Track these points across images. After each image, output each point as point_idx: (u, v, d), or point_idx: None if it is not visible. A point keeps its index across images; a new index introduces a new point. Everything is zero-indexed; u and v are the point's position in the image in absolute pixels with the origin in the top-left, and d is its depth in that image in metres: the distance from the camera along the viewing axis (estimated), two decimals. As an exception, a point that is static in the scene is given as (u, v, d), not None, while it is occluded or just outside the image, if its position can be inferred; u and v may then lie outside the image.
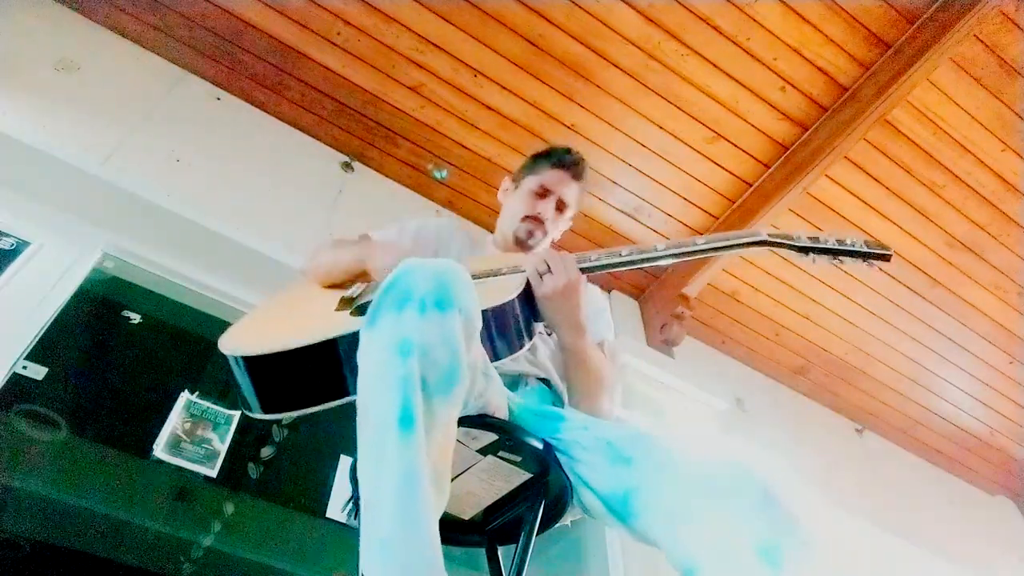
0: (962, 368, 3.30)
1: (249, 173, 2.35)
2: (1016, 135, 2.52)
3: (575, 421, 1.03)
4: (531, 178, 1.49)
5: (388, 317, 0.76)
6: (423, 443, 0.70)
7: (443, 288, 0.78)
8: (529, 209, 1.45)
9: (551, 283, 1.09)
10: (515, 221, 1.46)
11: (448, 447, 0.77)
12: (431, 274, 0.79)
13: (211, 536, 1.68)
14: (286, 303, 1.25)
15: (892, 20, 2.29)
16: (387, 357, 0.74)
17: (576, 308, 1.12)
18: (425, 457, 0.70)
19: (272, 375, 0.97)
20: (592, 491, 0.94)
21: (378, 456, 0.70)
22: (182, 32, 2.39)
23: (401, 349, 0.73)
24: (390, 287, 0.79)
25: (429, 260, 0.82)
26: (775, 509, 0.74)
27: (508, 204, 1.53)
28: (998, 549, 3.50)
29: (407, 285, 0.78)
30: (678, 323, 2.89)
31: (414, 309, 0.75)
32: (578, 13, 2.30)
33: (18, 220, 1.83)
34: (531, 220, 1.44)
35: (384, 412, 0.71)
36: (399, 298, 0.77)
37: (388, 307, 0.77)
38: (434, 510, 0.69)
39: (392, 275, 0.80)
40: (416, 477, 0.68)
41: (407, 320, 0.75)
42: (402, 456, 0.69)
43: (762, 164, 2.69)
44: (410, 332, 0.74)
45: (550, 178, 1.47)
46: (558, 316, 1.12)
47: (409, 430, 0.70)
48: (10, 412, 1.58)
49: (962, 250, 2.85)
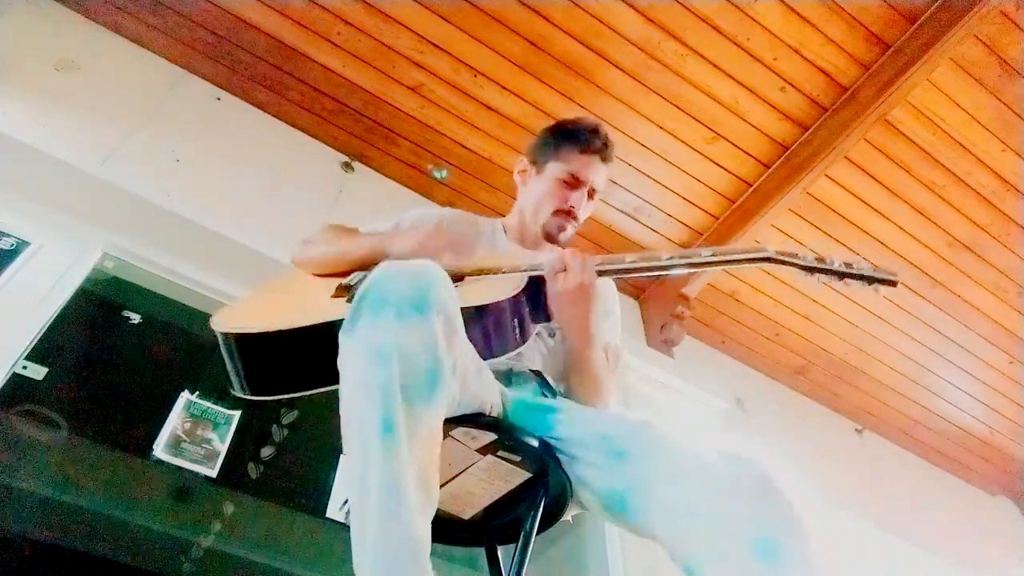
0: (962, 368, 3.30)
1: (249, 173, 2.35)
2: (1016, 135, 2.52)
3: (569, 413, 1.03)
4: (557, 164, 1.35)
5: (365, 323, 0.75)
6: (405, 449, 0.70)
7: (420, 290, 0.77)
8: (560, 202, 1.34)
9: (566, 282, 1.07)
10: (544, 214, 1.36)
11: (435, 448, 0.76)
12: (408, 277, 0.78)
13: (211, 536, 1.68)
14: (280, 289, 1.24)
15: (892, 20, 2.29)
16: (365, 365, 0.73)
17: (587, 312, 1.11)
18: (408, 463, 0.70)
19: (263, 356, 0.97)
20: (591, 489, 0.93)
21: (362, 461, 0.70)
22: (182, 32, 2.40)
23: (379, 356, 0.73)
24: (367, 292, 0.78)
25: (404, 263, 0.82)
26: (774, 504, 0.74)
27: (531, 191, 1.40)
28: (998, 549, 3.50)
29: (384, 290, 0.77)
30: (678, 323, 2.89)
31: (391, 314, 0.74)
32: (578, 13, 2.30)
33: (18, 220, 1.83)
34: (563, 215, 1.35)
35: (365, 420, 0.71)
36: (376, 303, 0.76)
37: (365, 313, 0.76)
38: (420, 512, 0.69)
39: (368, 280, 0.79)
40: (399, 483, 0.68)
41: (384, 326, 0.74)
42: (384, 464, 0.69)
43: (762, 164, 2.69)
44: (387, 338, 0.73)
45: (580, 165, 1.34)
46: (567, 317, 1.11)
47: (390, 437, 0.70)
48: (10, 412, 1.58)
49: (962, 250, 2.85)
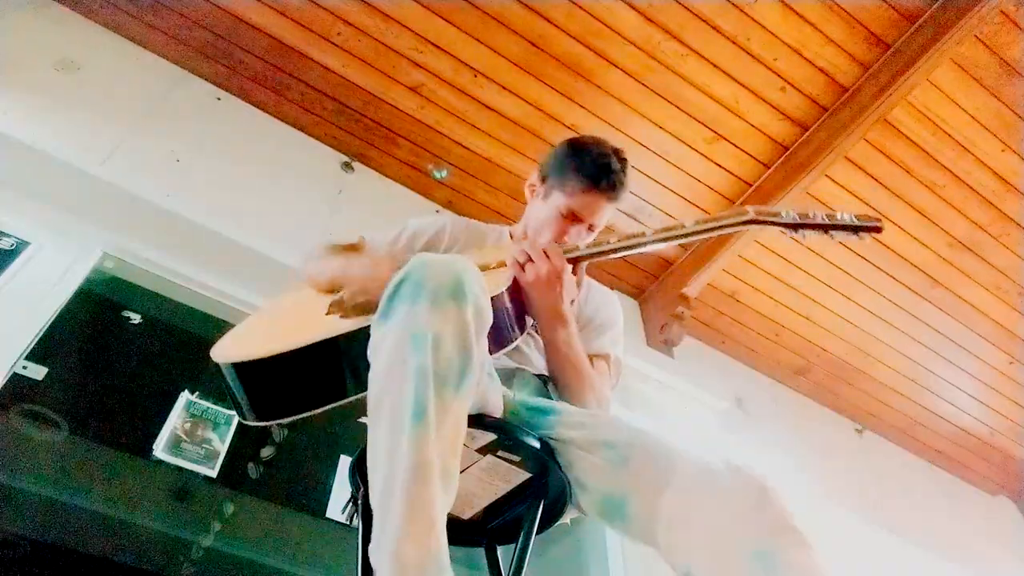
0: (962, 368, 3.30)
1: (249, 173, 2.35)
2: (1016, 135, 2.52)
3: (570, 415, 1.03)
4: (561, 196, 1.27)
5: (401, 309, 0.76)
6: (434, 437, 0.70)
7: (457, 281, 0.78)
8: (557, 236, 1.28)
9: (532, 271, 1.08)
10: (543, 240, 1.30)
11: (457, 443, 0.76)
12: (445, 268, 0.79)
13: (211, 536, 1.68)
14: (280, 308, 1.25)
15: (892, 20, 2.29)
16: (401, 349, 0.74)
17: (558, 298, 1.10)
18: (436, 451, 0.70)
19: (261, 381, 0.97)
20: (589, 493, 0.93)
21: (391, 448, 0.70)
22: (182, 32, 2.40)
23: (414, 341, 0.73)
24: (403, 280, 0.78)
25: (441, 255, 0.82)
26: (771, 512, 0.74)
27: (534, 211, 1.36)
28: (998, 549, 3.50)
29: (420, 277, 0.78)
30: (678, 323, 2.89)
31: (427, 301, 0.75)
32: (578, 13, 2.30)
33: (18, 220, 1.83)
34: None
35: (397, 404, 0.71)
36: (413, 290, 0.77)
37: (402, 300, 0.77)
38: (442, 506, 0.69)
39: (405, 268, 0.80)
40: (428, 470, 0.68)
41: (420, 312, 0.75)
42: (414, 449, 0.69)
43: (762, 164, 2.69)
44: (424, 324, 0.74)
45: (582, 205, 1.25)
46: (538, 305, 1.11)
47: (421, 422, 0.70)
48: (10, 412, 1.58)
49: (962, 250, 2.85)
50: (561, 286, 1.10)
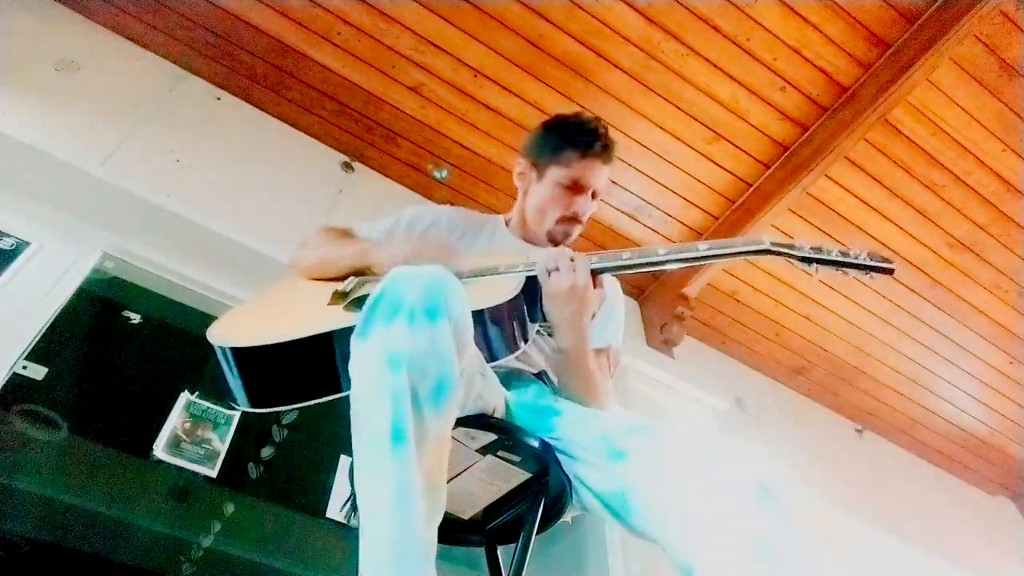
0: (962, 368, 3.30)
1: (249, 173, 2.35)
2: (1016, 135, 2.52)
3: (570, 415, 1.03)
4: (558, 169, 1.33)
5: (378, 329, 0.76)
6: (415, 456, 0.71)
7: (432, 297, 0.77)
8: (564, 209, 1.34)
9: (557, 282, 1.08)
10: (550, 221, 1.36)
11: (443, 458, 0.77)
12: (420, 283, 0.78)
13: (211, 536, 1.68)
14: (276, 296, 1.24)
15: (892, 20, 2.29)
16: (377, 371, 0.74)
17: (580, 312, 1.09)
18: (417, 470, 0.71)
19: (262, 368, 0.96)
20: (590, 490, 0.93)
21: (372, 468, 0.72)
22: (182, 32, 2.40)
23: (390, 362, 0.73)
24: (379, 298, 0.78)
25: (418, 268, 0.82)
26: (772, 505, 0.74)
27: (533, 196, 1.39)
28: (998, 550, 3.50)
29: (396, 295, 0.77)
30: (678, 323, 2.89)
31: (403, 320, 0.75)
32: (578, 13, 2.30)
33: (18, 220, 1.83)
34: (568, 221, 1.36)
35: (376, 426, 0.72)
36: (388, 309, 0.76)
37: (378, 319, 0.76)
38: (426, 522, 0.70)
39: (381, 285, 0.80)
40: (409, 490, 0.69)
41: (396, 332, 0.75)
42: (395, 470, 0.70)
43: (762, 164, 2.69)
44: (399, 344, 0.74)
45: (581, 170, 1.32)
46: (560, 317, 1.10)
47: (400, 444, 0.71)
48: (10, 412, 1.58)
49: (962, 250, 2.85)
50: (585, 300, 1.09)
